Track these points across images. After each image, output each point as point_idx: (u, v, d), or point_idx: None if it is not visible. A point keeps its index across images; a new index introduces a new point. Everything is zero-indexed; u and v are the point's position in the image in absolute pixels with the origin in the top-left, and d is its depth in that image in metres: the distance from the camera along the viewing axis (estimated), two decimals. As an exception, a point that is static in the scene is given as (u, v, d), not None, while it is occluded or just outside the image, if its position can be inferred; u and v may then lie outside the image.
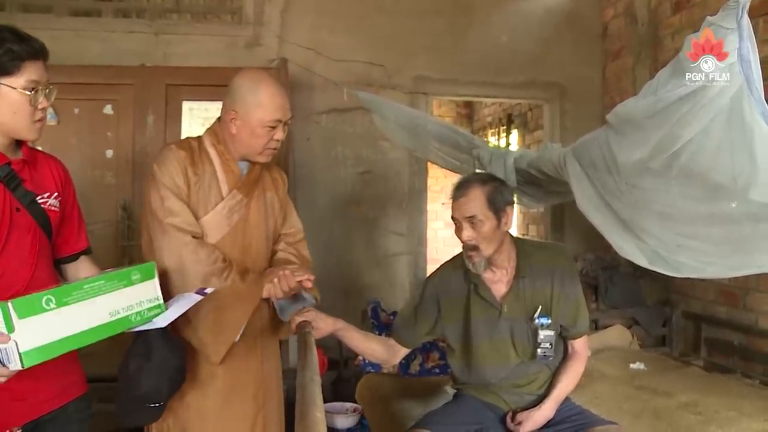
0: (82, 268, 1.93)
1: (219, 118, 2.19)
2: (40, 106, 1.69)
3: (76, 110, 4.20)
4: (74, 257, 1.93)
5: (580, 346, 2.38)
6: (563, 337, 2.35)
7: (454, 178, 2.51)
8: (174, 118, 4.33)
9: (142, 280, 1.78)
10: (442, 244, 8.03)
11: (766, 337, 3.63)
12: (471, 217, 2.19)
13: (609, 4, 5.19)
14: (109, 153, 4.27)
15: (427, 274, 2.67)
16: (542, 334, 2.25)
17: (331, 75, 4.76)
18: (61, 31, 4.38)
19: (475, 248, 2.21)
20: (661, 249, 2.09)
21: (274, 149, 2.14)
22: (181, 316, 1.86)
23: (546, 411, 2.26)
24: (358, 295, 4.67)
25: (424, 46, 4.97)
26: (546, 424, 2.26)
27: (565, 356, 2.37)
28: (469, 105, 8.43)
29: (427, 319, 2.38)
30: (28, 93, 1.64)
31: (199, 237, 2.06)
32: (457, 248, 2.34)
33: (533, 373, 2.32)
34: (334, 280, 4.78)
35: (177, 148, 2.10)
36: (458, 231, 2.25)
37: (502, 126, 7.10)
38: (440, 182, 7.91)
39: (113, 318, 1.68)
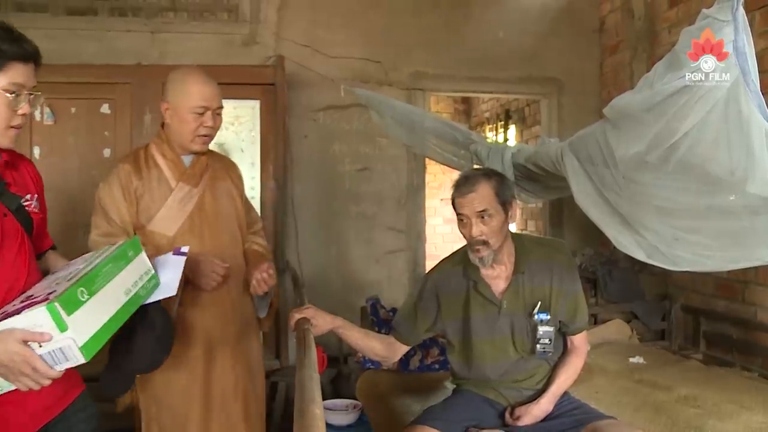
0: (51, 262, 1.88)
1: (163, 123, 2.35)
2: (20, 111, 1.60)
3: (73, 110, 4.20)
4: (43, 254, 1.88)
5: (580, 341, 2.37)
6: (562, 333, 2.35)
7: (453, 174, 2.51)
8: (171, 116, 4.32)
9: (135, 256, 1.79)
10: (440, 240, 8.03)
11: (765, 330, 3.63)
12: (482, 211, 2.18)
13: (606, -2, 5.20)
14: (107, 152, 4.26)
15: (426, 271, 2.66)
16: (541, 329, 2.24)
17: (328, 72, 4.76)
18: (57, 31, 4.37)
19: (485, 243, 2.19)
20: (659, 243, 2.09)
21: (206, 136, 2.29)
22: None
23: (544, 405, 2.26)
24: (357, 292, 4.67)
25: (420, 41, 4.97)
26: (544, 418, 2.26)
27: (564, 351, 2.37)
28: (466, 101, 8.43)
29: (427, 315, 2.38)
30: (8, 95, 1.56)
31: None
32: (456, 244, 2.33)
33: (532, 368, 2.32)
34: (333, 277, 4.79)
35: (121, 164, 2.31)
36: (466, 227, 2.22)
37: (500, 121, 7.09)
38: (438, 178, 7.91)
39: (128, 296, 1.70)
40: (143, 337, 1.87)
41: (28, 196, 1.73)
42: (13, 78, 1.56)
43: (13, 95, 1.57)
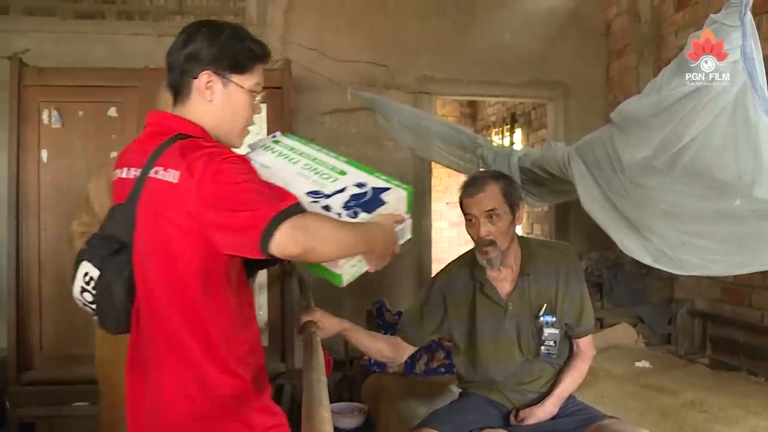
0: None
1: None
2: (255, 111, 1.57)
3: (81, 113, 4.20)
4: None
5: (586, 345, 2.38)
6: (568, 336, 2.35)
7: (459, 177, 2.52)
8: (178, 119, 4.34)
9: None
10: (446, 244, 8.01)
11: (771, 334, 3.62)
12: (491, 210, 2.19)
13: (612, 2, 5.18)
14: (114, 155, 4.22)
15: (432, 274, 2.67)
16: (546, 332, 2.25)
17: (335, 75, 4.76)
18: (65, 34, 4.38)
19: (492, 243, 2.21)
20: (665, 247, 2.09)
21: None
22: None
23: (548, 407, 2.26)
24: (363, 296, 4.65)
25: (427, 45, 4.97)
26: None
27: (570, 355, 2.38)
28: (472, 104, 8.42)
29: (434, 317, 2.39)
30: (254, 95, 1.53)
31: None
32: (462, 248, 2.34)
33: (537, 371, 2.33)
34: (339, 280, 4.78)
35: None
36: (474, 227, 2.23)
37: (506, 125, 7.09)
38: (444, 182, 7.90)
39: None
40: None
41: None
42: (257, 78, 1.54)
43: (255, 96, 1.54)
